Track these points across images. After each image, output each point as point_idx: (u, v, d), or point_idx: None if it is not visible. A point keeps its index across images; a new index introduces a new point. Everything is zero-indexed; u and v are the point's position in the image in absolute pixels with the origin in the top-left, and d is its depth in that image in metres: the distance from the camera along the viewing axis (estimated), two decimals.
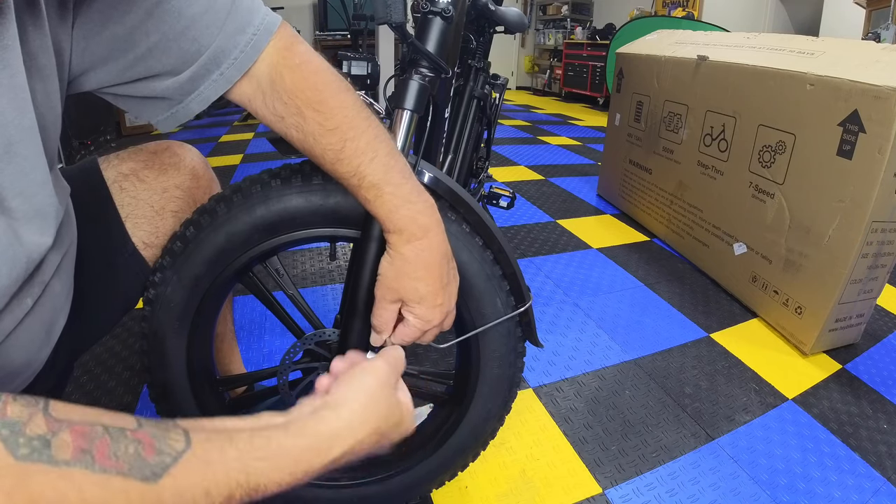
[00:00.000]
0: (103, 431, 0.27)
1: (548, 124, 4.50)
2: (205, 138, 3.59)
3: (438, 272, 0.52)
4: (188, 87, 0.47)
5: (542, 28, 7.45)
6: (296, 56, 0.48)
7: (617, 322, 1.38)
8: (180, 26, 0.43)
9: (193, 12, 0.43)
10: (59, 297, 0.47)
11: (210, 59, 0.45)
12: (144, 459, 0.27)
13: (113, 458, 0.26)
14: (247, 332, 1.24)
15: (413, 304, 0.51)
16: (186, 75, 0.46)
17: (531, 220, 2.08)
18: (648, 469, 0.91)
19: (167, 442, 0.29)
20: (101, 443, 0.26)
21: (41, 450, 0.23)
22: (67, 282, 0.49)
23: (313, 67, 0.48)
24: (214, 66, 0.46)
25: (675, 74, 1.79)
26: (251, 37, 0.46)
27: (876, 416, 1.07)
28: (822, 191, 1.21)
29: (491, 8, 1.15)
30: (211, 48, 0.45)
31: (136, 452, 0.27)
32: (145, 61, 0.44)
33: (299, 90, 0.47)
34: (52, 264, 0.44)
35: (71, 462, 0.24)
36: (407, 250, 0.50)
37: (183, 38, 0.44)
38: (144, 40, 0.42)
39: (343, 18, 5.54)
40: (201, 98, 0.47)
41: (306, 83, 0.47)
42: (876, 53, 1.15)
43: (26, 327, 0.41)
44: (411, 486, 0.72)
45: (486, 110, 1.32)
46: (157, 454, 0.28)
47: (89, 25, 0.41)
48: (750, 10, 5.07)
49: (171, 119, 0.49)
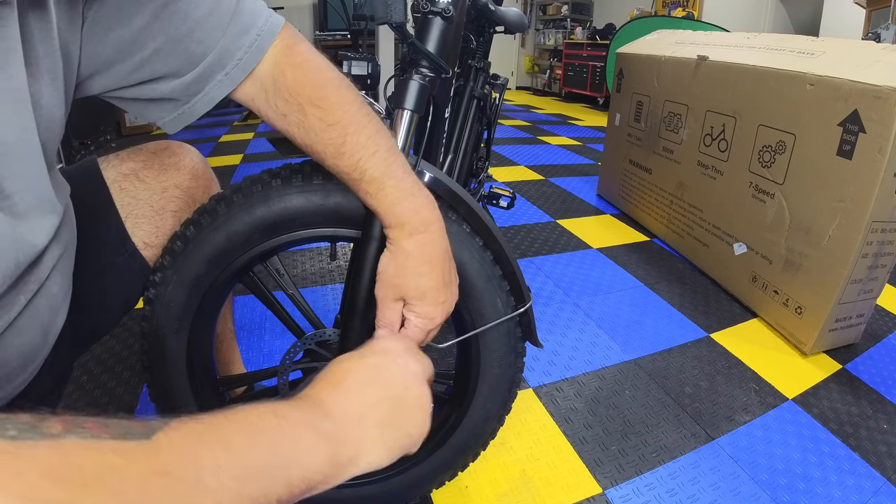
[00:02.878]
0: (90, 418, 0.27)
1: (548, 124, 4.50)
2: (205, 138, 3.59)
3: (441, 268, 0.51)
4: (193, 89, 0.47)
5: (542, 28, 7.45)
6: (297, 55, 0.49)
7: (617, 322, 1.38)
8: (186, 28, 0.44)
9: (199, 14, 0.44)
10: (57, 298, 0.47)
11: (215, 61, 0.46)
12: (134, 427, 0.27)
13: (104, 427, 0.26)
14: (247, 332, 1.24)
15: (415, 302, 0.50)
16: (191, 77, 0.46)
17: (531, 220, 2.08)
18: (648, 469, 0.91)
19: (156, 419, 0.29)
20: (90, 420, 0.26)
21: (30, 430, 0.23)
22: (65, 282, 0.49)
23: (314, 65, 0.49)
24: (219, 67, 0.46)
25: (675, 74, 1.79)
26: (255, 38, 0.47)
27: (876, 416, 1.07)
28: (823, 191, 1.21)
29: (491, 8, 1.15)
30: (216, 50, 0.45)
31: (127, 424, 0.27)
32: (151, 64, 0.44)
33: (301, 87, 0.48)
34: (49, 264, 0.44)
35: (63, 434, 0.24)
36: (409, 244, 0.50)
37: (189, 39, 0.44)
38: (151, 42, 0.43)
39: (343, 18, 5.54)
40: (207, 99, 0.48)
41: (307, 80, 0.48)
42: (876, 53, 1.15)
43: (21, 327, 0.41)
44: (411, 486, 0.72)
45: (486, 110, 1.32)
46: (145, 426, 0.28)
47: (97, 28, 0.41)
48: (750, 10, 5.07)
49: (177, 120, 0.49)
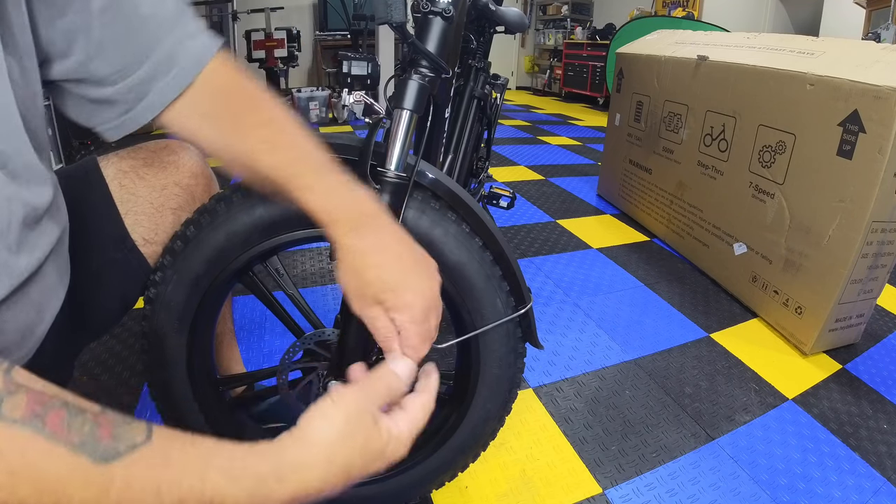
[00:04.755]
0: (62, 405, 0.26)
1: (548, 124, 4.50)
2: None
3: (397, 253, 0.47)
4: (137, 92, 0.46)
5: (542, 28, 7.45)
6: (232, 69, 0.50)
7: (617, 322, 1.38)
8: (132, 26, 0.44)
9: (145, 13, 0.44)
10: (50, 277, 0.47)
11: (161, 62, 0.46)
12: (98, 440, 0.26)
13: (65, 428, 0.25)
14: (247, 332, 1.24)
15: (387, 296, 0.45)
16: (135, 78, 0.46)
17: (531, 220, 2.08)
18: (648, 469, 0.91)
19: (127, 431, 0.28)
20: (56, 413, 0.25)
21: None
22: (59, 264, 0.49)
23: (247, 77, 0.50)
24: (164, 71, 0.46)
25: (676, 74, 1.79)
26: (200, 46, 0.47)
27: (876, 416, 1.07)
28: (823, 191, 1.21)
29: (491, 8, 1.15)
30: (160, 51, 0.46)
31: (91, 431, 0.26)
32: (98, 57, 0.44)
33: (235, 92, 0.49)
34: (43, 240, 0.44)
35: (20, 421, 0.23)
36: (352, 240, 0.46)
37: (136, 37, 0.44)
38: (97, 33, 0.43)
39: (343, 18, 5.54)
40: (149, 104, 0.47)
41: (240, 86, 0.49)
42: (876, 53, 1.15)
43: (13, 302, 0.41)
44: (411, 486, 0.72)
45: (487, 110, 1.32)
46: (112, 439, 0.27)
47: (52, 11, 0.41)
48: (750, 10, 5.07)
49: (119, 128, 0.48)
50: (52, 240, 0.46)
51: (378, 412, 0.39)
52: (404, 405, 0.43)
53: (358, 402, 0.39)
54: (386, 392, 0.41)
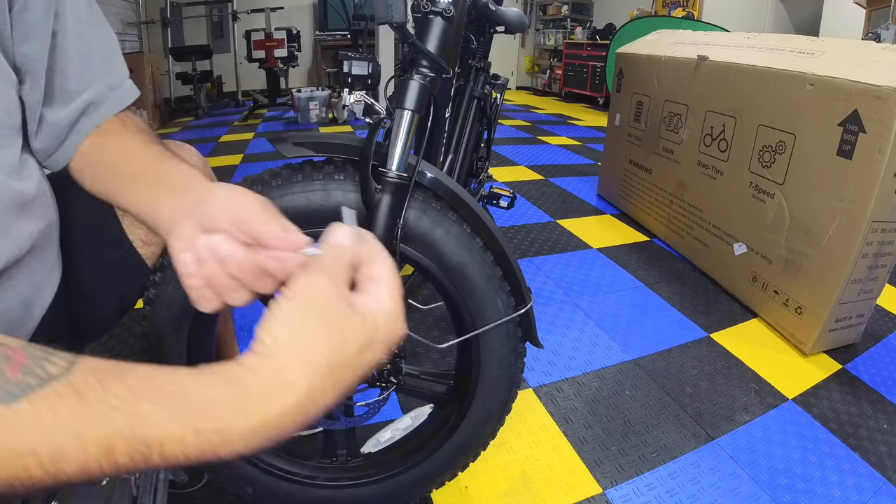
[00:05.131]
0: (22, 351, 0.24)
1: (548, 124, 4.50)
2: (205, 138, 3.59)
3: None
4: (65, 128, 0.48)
5: (542, 28, 7.44)
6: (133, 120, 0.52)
7: (617, 322, 1.38)
8: (62, 64, 0.47)
9: (74, 53, 0.47)
10: (37, 274, 0.47)
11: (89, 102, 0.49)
12: (4, 376, 0.23)
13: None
14: (247, 332, 1.24)
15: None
16: (65, 114, 0.48)
17: (531, 220, 2.08)
18: (648, 469, 0.91)
19: (43, 365, 0.24)
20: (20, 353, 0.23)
21: None
22: (47, 259, 0.49)
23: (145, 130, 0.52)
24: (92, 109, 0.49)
25: (675, 74, 1.79)
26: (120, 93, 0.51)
27: (876, 416, 1.07)
28: (823, 191, 1.21)
29: (491, 8, 1.15)
30: (88, 93, 0.49)
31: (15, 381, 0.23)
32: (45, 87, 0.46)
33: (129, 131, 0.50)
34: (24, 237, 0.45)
35: None
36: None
37: (66, 74, 0.47)
38: (42, 66, 0.45)
39: (343, 18, 5.55)
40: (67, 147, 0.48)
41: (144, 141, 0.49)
42: (876, 53, 1.15)
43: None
44: (411, 485, 0.72)
45: (487, 110, 1.32)
46: (23, 374, 0.23)
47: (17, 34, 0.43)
48: (750, 10, 5.07)
49: (51, 163, 0.49)
50: (34, 230, 0.46)
51: (346, 291, 0.31)
52: (370, 274, 0.33)
53: (317, 288, 0.30)
54: (340, 267, 0.32)
